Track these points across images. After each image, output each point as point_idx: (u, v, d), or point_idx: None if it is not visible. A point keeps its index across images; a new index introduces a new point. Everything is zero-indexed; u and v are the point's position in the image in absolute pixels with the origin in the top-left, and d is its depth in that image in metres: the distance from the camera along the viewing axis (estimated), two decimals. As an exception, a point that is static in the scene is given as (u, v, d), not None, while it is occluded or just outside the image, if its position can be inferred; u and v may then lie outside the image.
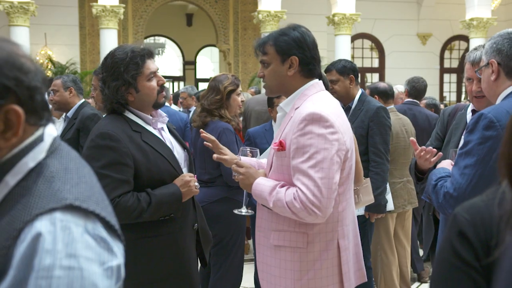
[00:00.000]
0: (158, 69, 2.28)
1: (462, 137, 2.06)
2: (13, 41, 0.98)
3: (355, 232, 2.16)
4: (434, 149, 2.29)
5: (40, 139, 0.97)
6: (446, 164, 2.16)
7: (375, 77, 15.19)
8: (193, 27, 17.45)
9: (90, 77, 10.52)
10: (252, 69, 13.68)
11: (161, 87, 2.29)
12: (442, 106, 6.36)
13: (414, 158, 2.62)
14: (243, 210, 2.30)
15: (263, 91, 8.37)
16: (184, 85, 15.38)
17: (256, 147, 2.39)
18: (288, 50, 2.03)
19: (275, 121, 3.67)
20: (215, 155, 2.33)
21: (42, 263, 0.81)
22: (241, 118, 4.74)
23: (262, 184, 2.00)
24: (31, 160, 0.94)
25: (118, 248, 0.93)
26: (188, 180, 2.24)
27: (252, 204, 2.40)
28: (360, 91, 3.56)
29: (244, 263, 3.57)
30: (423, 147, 2.35)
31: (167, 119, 2.41)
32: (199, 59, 18.97)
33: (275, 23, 11.78)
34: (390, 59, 14.93)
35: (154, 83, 2.25)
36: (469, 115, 2.64)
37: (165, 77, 19.84)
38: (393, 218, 4.02)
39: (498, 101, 2.02)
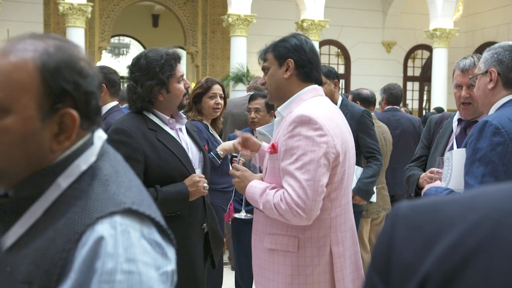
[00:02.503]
0: (184, 73, 2.39)
1: (465, 142, 2.10)
2: (73, 43, 0.97)
3: (353, 240, 2.15)
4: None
5: (90, 142, 0.96)
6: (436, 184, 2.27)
7: (341, 83, 15.40)
8: (159, 28, 17.29)
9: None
10: (220, 72, 13.66)
11: (187, 90, 2.39)
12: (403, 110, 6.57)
13: (415, 171, 2.72)
14: (243, 215, 2.32)
15: (241, 94, 8.36)
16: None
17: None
18: (285, 54, 2.08)
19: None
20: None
21: (105, 267, 0.81)
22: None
23: (254, 187, 2.03)
24: (83, 163, 0.94)
25: (171, 252, 0.92)
26: (197, 180, 2.29)
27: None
28: (341, 96, 3.70)
29: (224, 266, 3.57)
30: (434, 168, 2.44)
31: (186, 120, 2.49)
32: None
33: (245, 27, 11.81)
34: (356, 66, 15.19)
35: (182, 85, 2.36)
36: (455, 124, 2.72)
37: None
38: (368, 222, 4.11)
39: (493, 109, 2.09)
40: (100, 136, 0.99)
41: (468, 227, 0.55)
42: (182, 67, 2.42)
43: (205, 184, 2.32)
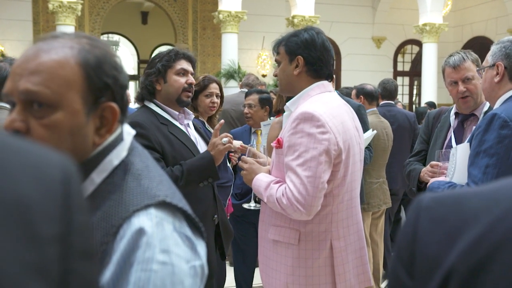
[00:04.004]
0: (192, 73, 2.52)
1: (471, 134, 2.14)
2: (102, 40, 0.99)
3: (358, 235, 2.17)
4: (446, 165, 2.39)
5: (120, 138, 0.99)
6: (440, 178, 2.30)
7: (331, 78, 15.45)
8: (149, 25, 17.21)
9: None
10: (211, 69, 13.64)
11: (189, 87, 2.46)
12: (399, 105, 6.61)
13: (416, 166, 2.75)
14: (252, 205, 2.39)
15: (233, 91, 8.35)
16: (139, 84, 15.15)
17: None
18: (295, 50, 2.10)
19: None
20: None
21: (143, 256, 0.83)
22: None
23: (260, 180, 2.07)
24: (115, 158, 0.96)
25: (201, 247, 0.95)
26: (213, 141, 2.38)
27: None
28: (336, 92, 3.68)
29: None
30: (435, 162, 2.47)
31: (193, 116, 2.60)
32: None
33: (236, 24, 11.80)
34: (346, 61, 15.24)
35: (182, 79, 2.46)
36: (452, 117, 2.77)
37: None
38: (369, 216, 4.15)
39: (498, 102, 2.12)
40: (129, 131, 1.01)
41: (492, 220, 0.55)
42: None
43: (224, 139, 2.39)
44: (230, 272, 4.15)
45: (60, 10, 10.66)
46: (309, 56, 2.08)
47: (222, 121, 2.51)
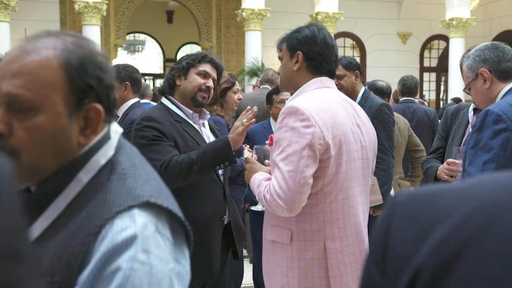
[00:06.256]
0: (214, 78, 2.57)
1: (467, 136, 2.14)
2: (88, 39, 0.99)
3: (358, 238, 2.06)
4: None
5: (107, 136, 0.98)
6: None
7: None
8: (174, 24, 17.34)
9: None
10: (235, 66, 13.66)
11: (206, 89, 2.48)
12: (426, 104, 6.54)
13: (433, 163, 2.71)
14: (260, 207, 2.37)
15: (248, 89, 8.31)
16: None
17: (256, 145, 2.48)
18: (295, 45, 2.08)
19: (274, 118, 3.70)
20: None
21: (124, 256, 0.83)
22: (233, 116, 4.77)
23: (255, 178, 2.05)
24: (102, 157, 0.96)
25: (181, 251, 0.94)
26: (235, 124, 2.42)
27: None
28: (363, 88, 3.61)
29: (244, 259, 3.61)
30: (452, 160, 2.45)
31: (209, 116, 2.65)
32: (180, 56, 18.80)
33: (259, 21, 11.80)
34: (371, 58, 15.09)
35: (201, 80, 2.51)
36: (470, 114, 2.72)
37: (145, 74, 19.42)
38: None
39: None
40: (116, 130, 1.01)
41: (461, 219, 0.53)
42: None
43: (243, 120, 2.40)
44: (250, 269, 4.16)
45: (86, 10, 10.84)
46: (309, 51, 2.06)
47: (255, 108, 2.47)
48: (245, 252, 4.81)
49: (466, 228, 0.52)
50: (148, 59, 21.44)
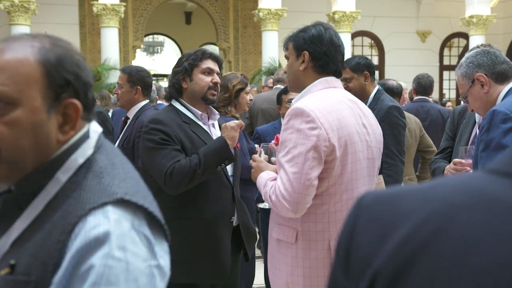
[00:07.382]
0: (218, 72, 2.57)
1: (474, 135, 2.11)
2: (66, 40, 1.01)
3: None
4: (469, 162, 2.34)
5: (86, 136, 1.00)
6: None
7: (375, 74, 15.21)
8: (192, 25, 17.44)
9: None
10: (253, 67, 13.69)
11: (214, 86, 2.53)
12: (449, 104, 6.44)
13: (440, 163, 2.68)
14: (267, 205, 2.39)
15: (264, 89, 8.31)
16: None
17: None
18: (302, 45, 2.07)
19: (283, 118, 3.71)
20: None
21: (98, 253, 0.84)
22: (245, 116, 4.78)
23: (262, 178, 2.06)
24: (80, 156, 0.97)
25: (161, 247, 0.94)
26: (223, 126, 2.45)
27: None
28: (376, 88, 3.49)
29: (256, 259, 3.60)
30: (458, 160, 2.42)
31: (218, 116, 2.66)
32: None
33: (276, 21, 11.80)
34: (390, 57, 14.97)
35: (207, 78, 2.51)
36: (477, 113, 2.69)
37: (164, 75, 19.45)
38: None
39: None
40: (95, 129, 1.02)
41: (418, 221, 0.53)
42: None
43: (234, 121, 2.46)
44: (263, 269, 4.15)
45: (104, 12, 10.97)
46: (315, 51, 2.05)
47: (241, 122, 2.52)
48: (259, 252, 4.80)
49: (423, 230, 0.52)
50: (167, 60, 21.59)
